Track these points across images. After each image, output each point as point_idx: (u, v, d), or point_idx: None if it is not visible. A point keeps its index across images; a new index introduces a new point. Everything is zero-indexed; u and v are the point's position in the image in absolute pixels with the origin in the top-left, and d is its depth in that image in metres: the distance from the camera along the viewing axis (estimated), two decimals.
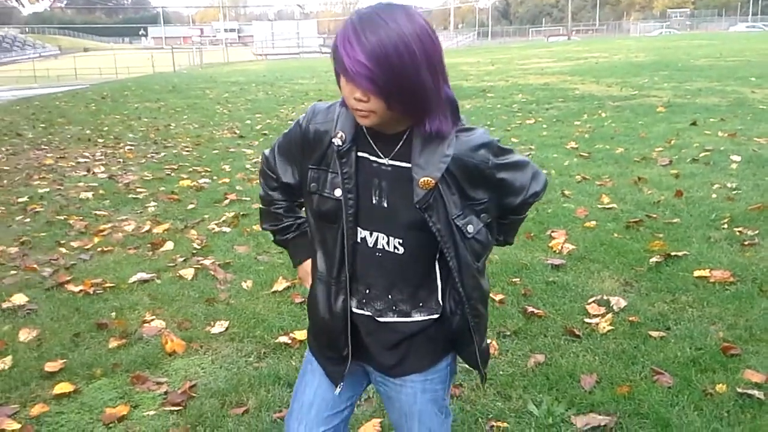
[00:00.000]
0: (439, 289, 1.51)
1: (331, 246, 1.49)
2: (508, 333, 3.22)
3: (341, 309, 1.51)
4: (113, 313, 3.70)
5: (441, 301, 1.51)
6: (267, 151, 1.67)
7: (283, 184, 1.63)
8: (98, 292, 4.03)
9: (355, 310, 1.53)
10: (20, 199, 6.55)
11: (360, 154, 1.44)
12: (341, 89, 1.34)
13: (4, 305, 3.88)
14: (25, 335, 3.47)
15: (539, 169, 1.59)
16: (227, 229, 5.20)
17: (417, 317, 1.51)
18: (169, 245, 4.86)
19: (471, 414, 2.58)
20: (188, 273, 4.27)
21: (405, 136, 1.40)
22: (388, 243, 1.46)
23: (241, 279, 4.15)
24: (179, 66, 35.54)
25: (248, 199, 6.10)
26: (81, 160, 8.59)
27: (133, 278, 4.19)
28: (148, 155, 8.84)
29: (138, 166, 8.07)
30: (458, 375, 2.84)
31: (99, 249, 4.85)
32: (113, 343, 3.33)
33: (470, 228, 1.46)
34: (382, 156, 1.43)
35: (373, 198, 1.45)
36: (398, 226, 1.44)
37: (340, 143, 1.42)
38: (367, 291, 1.51)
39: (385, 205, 1.44)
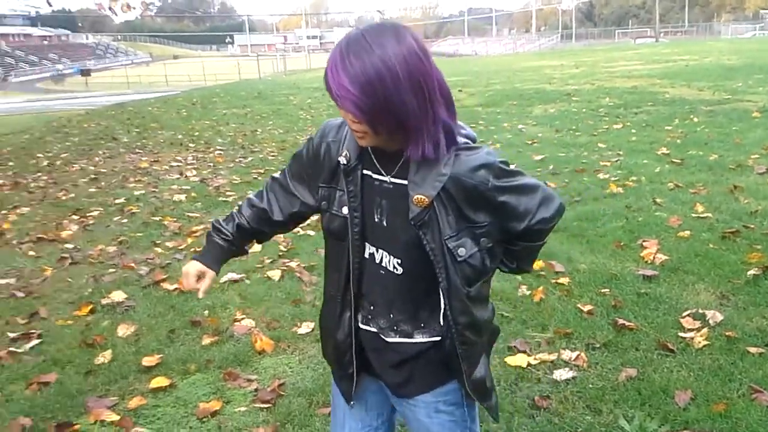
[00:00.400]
0: (441, 311, 1.47)
1: (339, 263, 1.51)
2: (598, 345, 3.14)
3: (347, 325, 1.53)
4: (206, 312, 3.84)
5: (442, 323, 1.48)
6: (278, 174, 1.68)
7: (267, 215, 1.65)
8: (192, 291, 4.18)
9: (361, 326, 1.54)
10: (117, 201, 6.90)
11: (365, 172, 1.45)
12: None
13: (104, 301, 4.09)
14: (123, 331, 3.65)
15: (554, 194, 1.52)
16: (311, 233, 5.30)
17: (419, 338, 1.50)
18: (256, 247, 4.98)
19: (559, 427, 2.53)
20: (275, 274, 4.38)
21: (405, 154, 1.37)
22: (389, 262, 1.46)
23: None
24: (264, 73, 36.51)
25: None
26: (174, 163, 8.96)
27: (224, 278, 4.33)
28: (236, 159, 9.12)
29: (227, 170, 8.35)
30: (546, 386, 2.80)
31: (192, 249, 5.03)
32: (206, 340, 3.46)
33: (461, 251, 1.41)
34: (384, 174, 1.43)
35: (375, 216, 1.45)
36: (397, 245, 1.44)
37: (345, 162, 1.44)
38: (372, 307, 1.52)
39: (385, 224, 1.45)
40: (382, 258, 1.46)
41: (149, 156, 9.80)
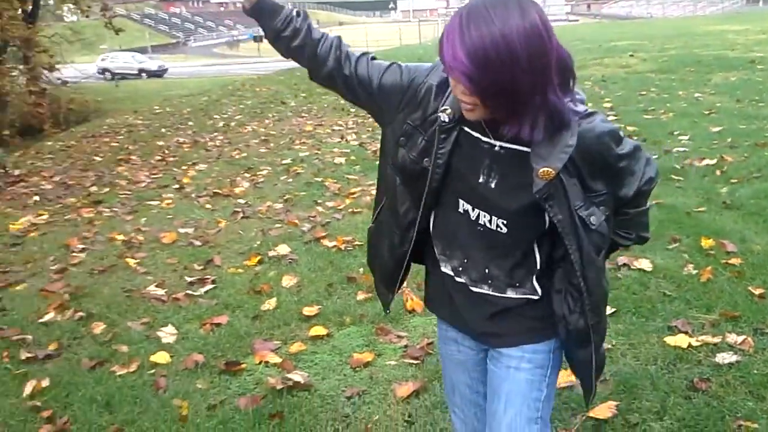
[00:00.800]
0: (535, 273, 1.47)
1: (406, 203, 1.50)
2: (767, 330, 2.93)
3: (400, 258, 1.59)
4: (361, 269, 4.01)
5: (536, 285, 1.47)
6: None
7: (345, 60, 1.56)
8: (348, 249, 4.39)
9: (450, 272, 1.54)
10: (284, 161, 7.32)
11: (467, 130, 1.40)
12: None
13: (270, 254, 4.40)
14: (287, 281, 3.91)
15: (649, 154, 1.49)
16: None
17: (511, 294, 1.49)
18: None
19: (717, 410, 2.40)
20: None
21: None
22: (490, 221, 1.42)
23: None
24: (424, 38, 36.58)
25: None
26: (336, 127, 9.32)
27: None
28: None
29: None
30: (707, 369, 2.67)
31: (350, 210, 5.26)
32: (360, 296, 3.63)
33: (593, 219, 1.39)
34: (491, 137, 1.37)
35: (481, 176, 1.40)
36: (504, 208, 1.40)
37: (446, 120, 1.38)
38: (465, 260, 1.50)
39: (493, 186, 1.40)
40: (479, 216, 1.43)
41: (314, 120, 10.26)
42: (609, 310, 3.19)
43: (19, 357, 3.22)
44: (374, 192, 5.22)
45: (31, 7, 18.46)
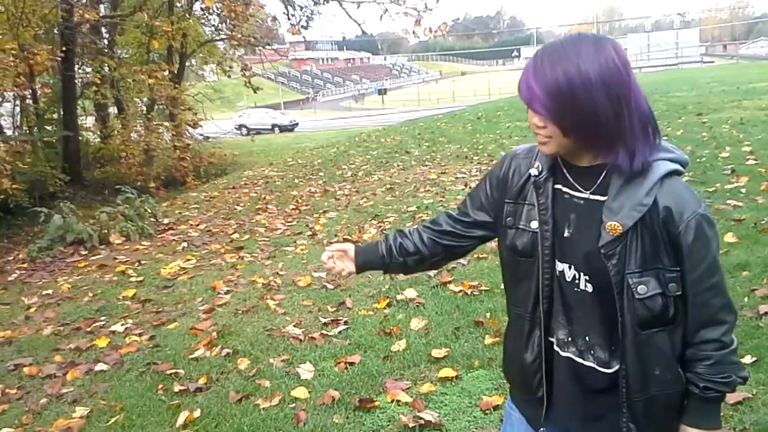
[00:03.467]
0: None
1: (527, 280, 1.46)
2: None
3: (537, 345, 1.47)
4: (488, 314, 4.07)
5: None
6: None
7: (469, 218, 1.63)
8: (474, 293, 4.46)
9: (556, 349, 1.46)
10: (409, 208, 7.53)
11: (556, 186, 1.42)
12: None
13: (398, 297, 4.55)
14: (415, 324, 4.04)
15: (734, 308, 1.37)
16: None
17: (615, 366, 1.39)
18: None
19: None
20: None
21: (606, 171, 1.34)
22: (579, 278, 1.39)
23: None
24: None
25: None
26: (459, 175, 9.47)
27: None
28: None
29: None
30: None
31: (475, 255, 5.33)
32: (488, 340, 3.68)
33: (641, 289, 1.31)
34: (580, 189, 1.39)
35: (566, 231, 1.41)
36: (580, 259, 1.37)
37: (537, 173, 1.43)
38: (570, 328, 1.43)
39: (572, 237, 1.40)
40: (573, 276, 1.40)
41: (437, 168, 10.47)
42: (750, 359, 3.06)
43: (173, 389, 3.53)
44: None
45: (177, 68, 20.26)
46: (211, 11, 19.87)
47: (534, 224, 1.44)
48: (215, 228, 8.36)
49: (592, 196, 1.37)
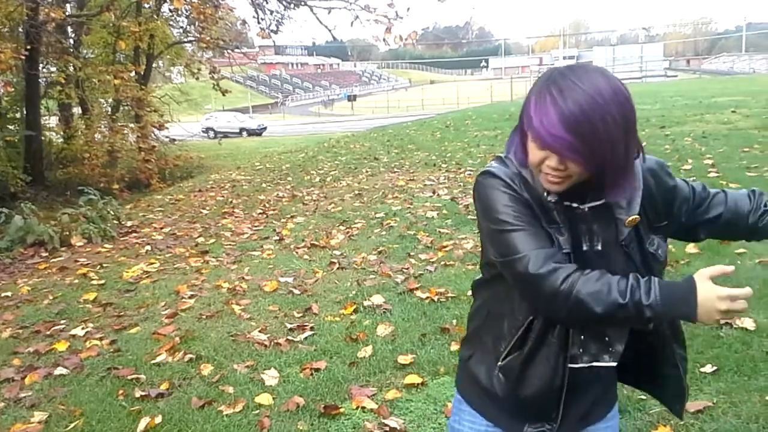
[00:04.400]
0: None
1: None
2: None
3: (562, 368, 1.41)
4: (454, 320, 4.08)
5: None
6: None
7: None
8: (441, 300, 4.48)
9: (569, 365, 1.41)
10: (377, 215, 7.53)
11: (566, 203, 1.37)
12: (528, 151, 1.31)
13: (365, 303, 4.55)
14: (382, 330, 4.03)
15: None
16: None
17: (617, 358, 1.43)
18: None
19: None
20: None
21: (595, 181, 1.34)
22: None
23: None
24: (516, 95, 36.77)
25: None
26: (427, 182, 9.51)
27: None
28: None
29: None
30: None
31: (442, 263, 5.36)
32: (454, 347, 3.69)
33: (660, 252, 1.42)
34: (577, 201, 1.37)
35: (584, 244, 1.38)
36: (615, 268, 1.33)
37: (557, 198, 1.36)
38: (582, 337, 1.39)
39: (600, 248, 1.38)
40: None
41: (406, 175, 10.50)
42: (710, 368, 3.12)
43: (134, 395, 3.46)
44: (465, 245, 5.29)
45: (144, 69, 20.01)
46: (179, 13, 19.71)
47: (567, 246, 1.36)
48: (180, 231, 8.26)
49: (591, 204, 1.37)
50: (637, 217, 1.36)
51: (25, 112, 17.57)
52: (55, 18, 14.03)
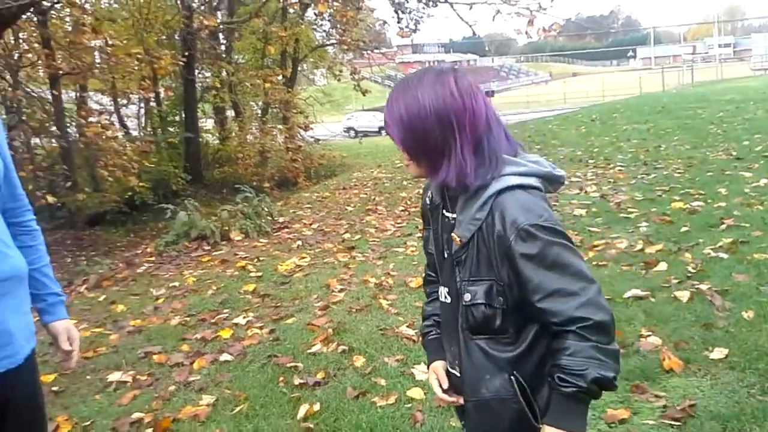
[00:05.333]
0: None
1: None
2: None
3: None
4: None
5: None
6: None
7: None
8: None
9: (451, 370, 1.60)
10: None
11: (444, 213, 1.55)
12: None
13: None
14: None
15: (598, 297, 1.38)
16: (724, 255, 4.95)
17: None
18: (662, 266, 4.87)
19: None
20: (683, 295, 4.22)
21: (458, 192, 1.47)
22: (442, 291, 1.57)
23: (740, 308, 3.92)
24: (668, 85, 34.72)
25: (747, 225, 5.67)
26: (573, 179, 9.20)
27: (628, 294, 4.35)
28: (638, 176, 8.95)
29: (628, 187, 8.26)
30: None
31: (594, 263, 5.15)
32: None
33: (467, 296, 1.44)
34: (451, 211, 1.52)
35: (445, 252, 1.54)
36: (445, 272, 1.55)
37: (428, 202, 1.60)
38: (449, 345, 1.62)
39: (446, 256, 1.54)
40: (444, 292, 1.56)
41: None
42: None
43: (293, 382, 3.63)
44: (619, 245, 5.07)
45: (290, 73, 20.93)
46: (323, 17, 20.39)
47: (431, 248, 1.62)
48: (327, 227, 8.54)
49: (453, 215, 1.51)
50: (457, 237, 1.45)
51: (183, 116, 18.98)
52: (209, 25, 14.99)
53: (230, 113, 21.61)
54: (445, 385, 1.61)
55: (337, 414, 3.20)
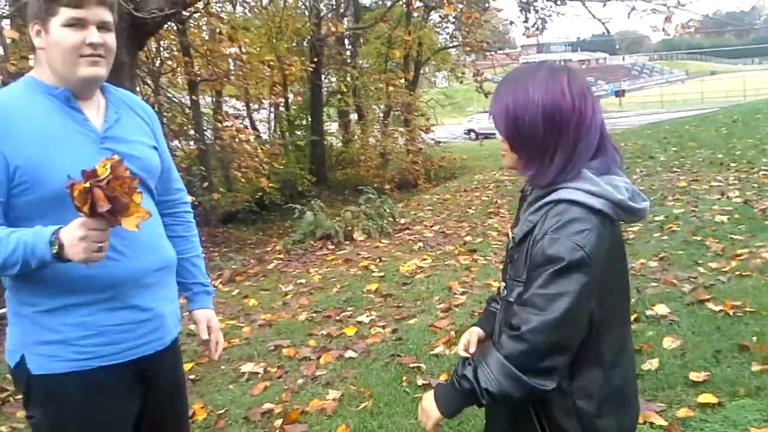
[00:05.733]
0: None
1: None
2: None
3: None
4: (754, 338, 3.64)
5: None
6: None
7: None
8: (738, 315, 4.01)
9: None
10: (656, 218, 7.02)
11: (521, 209, 1.62)
12: None
13: (648, 312, 4.25)
14: (668, 343, 3.73)
15: (558, 322, 1.37)
16: None
17: None
18: None
19: None
20: None
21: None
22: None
23: None
24: None
25: None
26: (714, 183, 8.64)
27: None
28: None
29: None
30: None
31: (737, 272, 4.81)
32: (756, 367, 3.29)
33: (508, 293, 1.52)
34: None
35: (508, 246, 1.64)
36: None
37: (521, 193, 1.66)
38: None
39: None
40: (501, 287, 1.66)
41: (687, 175, 9.66)
42: None
43: (416, 382, 3.65)
44: (765, 254, 4.74)
45: (412, 76, 21.10)
46: (447, 19, 20.38)
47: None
48: (448, 230, 8.52)
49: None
50: (512, 235, 1.53)
51: (310, 119, 19.64)
52: (336, 31, 15.39)
53: (353, 116, 22.12)
54: (472, 350, 1.67)
55: (463, 418, 3.17)
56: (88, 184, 1.40)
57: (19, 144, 1.61)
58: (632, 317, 4.17)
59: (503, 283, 1.60)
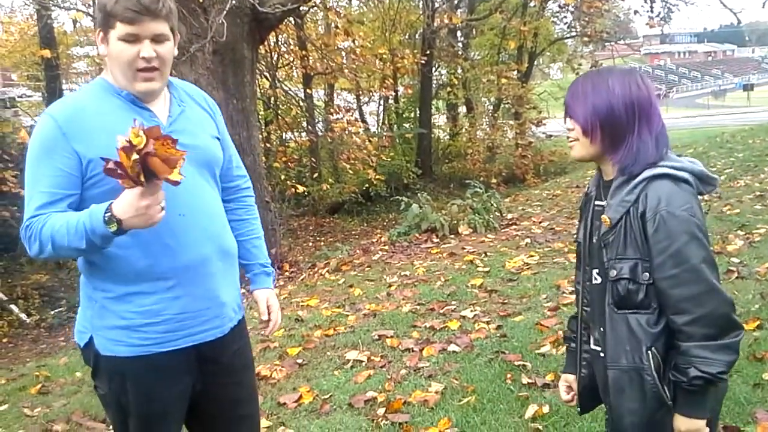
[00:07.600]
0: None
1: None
2: None
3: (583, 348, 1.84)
4: None
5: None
6: None
7: None
8: None
9: (593, 346, 1.78)
10: None
11: (596, 202, 1.72)
12: None
13: None
14: None
15: (723, 298, 1.52)
16: None
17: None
18: None
19: None
20: None
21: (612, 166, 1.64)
22: (592, 273, 1.71)
23: None
24: None
25: None
26: None
27: None
28: None
29: None
30: None
31: None
32: None
33: (612, 273, 1.59)
34: (603, 199, 1.67)
35: (595, 237, 1.69)
36: (594, 255, 1.70)
37: (585, 194, 1.81)
38: (593, 322, 1.75)
39: (594, 240, 1.69)
40: (591, 273, 1.71)
41: None
42: None
43: (521, 381, 3.58)
44: None
45: (526, 68, 20.64)
46: (566, 9, 19.74)
47: (580, 237, 1.78)
48: (558, 226, 8.30)
49: (603, 202, 1.67)
50: (606, 218, 1.61)
51: (418, 112, 19.69)
52: (450, 23, 15.29)
53: (462, 109, 21.97)
54: (571, 396, 1.89)
55: (567, 419, 3.10)
56: (137, 156, 1.43)
57: (91, 140, 1.74)
58: (755, 324, 3.93)
59: (595, 270, 1.70)
